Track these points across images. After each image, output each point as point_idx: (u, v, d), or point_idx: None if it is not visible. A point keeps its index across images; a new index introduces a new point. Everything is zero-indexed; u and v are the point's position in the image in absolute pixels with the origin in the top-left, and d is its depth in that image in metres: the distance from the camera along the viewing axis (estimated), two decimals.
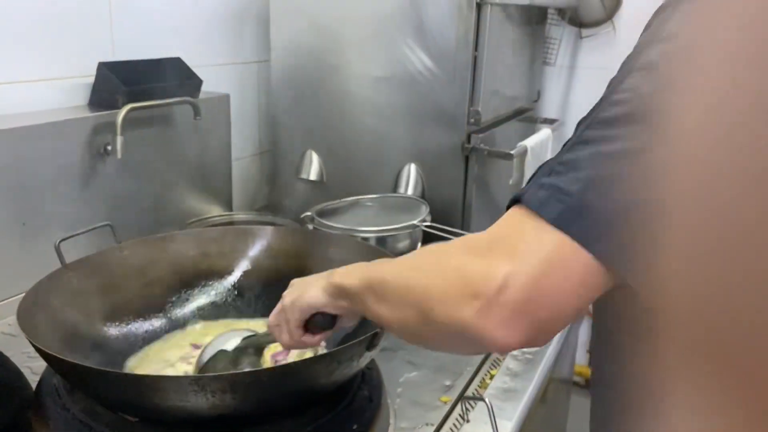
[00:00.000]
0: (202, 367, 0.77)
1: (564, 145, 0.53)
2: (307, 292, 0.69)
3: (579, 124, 0.53)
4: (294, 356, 0.87)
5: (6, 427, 0.75)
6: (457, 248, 0.54)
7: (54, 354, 0.65)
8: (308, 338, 0.72)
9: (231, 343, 0.79)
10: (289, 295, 0.72)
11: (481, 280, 0.48)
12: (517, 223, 0.51)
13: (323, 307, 0.68)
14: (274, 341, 0.77)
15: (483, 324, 0.48)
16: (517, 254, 0.48)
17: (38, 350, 0.67)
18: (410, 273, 0.56)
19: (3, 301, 1.07)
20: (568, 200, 0.48)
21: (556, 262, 0.47)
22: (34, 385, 0.81)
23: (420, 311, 0.53)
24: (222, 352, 0.78)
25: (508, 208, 0.53)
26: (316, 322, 0.70)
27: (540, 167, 0.54)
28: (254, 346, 0.80)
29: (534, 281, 0.47)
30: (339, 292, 0.66)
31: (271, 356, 0.88)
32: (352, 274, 0.65)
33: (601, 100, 0.51)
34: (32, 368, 0.88)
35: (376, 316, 0.60)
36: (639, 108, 0.47)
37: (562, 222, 0.47)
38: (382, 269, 0.61)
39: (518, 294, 0.47)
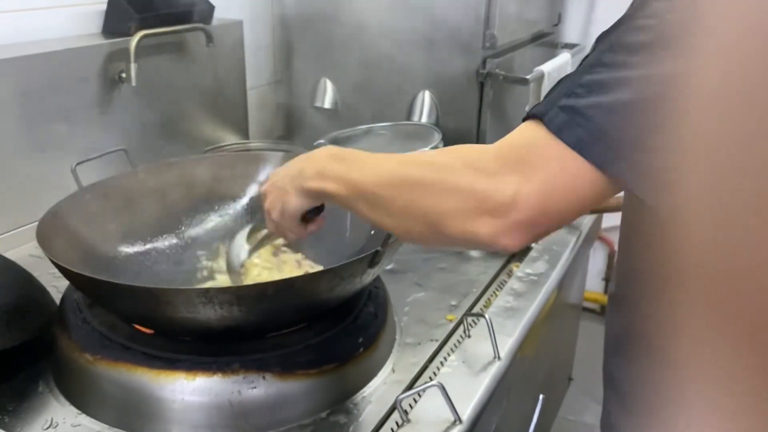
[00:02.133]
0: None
1: (582, 62, 0.53)
2: (288, 201, 0.71)
3: (598, 40, 0.53)
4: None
5: (33, 339, 0.80)
6: (463, 165, 0.55)
7: (70, 267, 0.68)
8: (311, 227, 0.77)
9: (245, 251, 0.86)
10: (272, 209, 0.75)
11: (494, 199, 0.52)
12: (532, 140, 0.52)
13: (309, 207, 0.72)
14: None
15: (495, 237, 0.52)
16: (530, 173, 0.51)
17: (56, 265, 0.71)
18: (412, 189, 0.57)
19: (28, 225, 1.11)
20: (587, 125, 0.49)
21: (567, 182, 0.51)
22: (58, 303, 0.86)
23: (429, 225, 0.56)
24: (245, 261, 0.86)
25: (523, 121, 0.55)
26: (308, 215, 0.75)
27: (557, 85, 0.55)
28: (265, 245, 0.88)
29: (543, 200, 0.51)
30: (319, 195, 0.68)
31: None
32: (327, 177, 0.65)
33: (624, 20, 0.51)
34: (57, 287, 0.92)
35: (371, 220, 0.62)
36: (663, 35, 0.47)
37: (580, 146, 0.50)
38: (369, 179, 0.61)
39: (528, 211, 0.51)
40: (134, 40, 1.18)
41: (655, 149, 0.43)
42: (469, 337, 0.88)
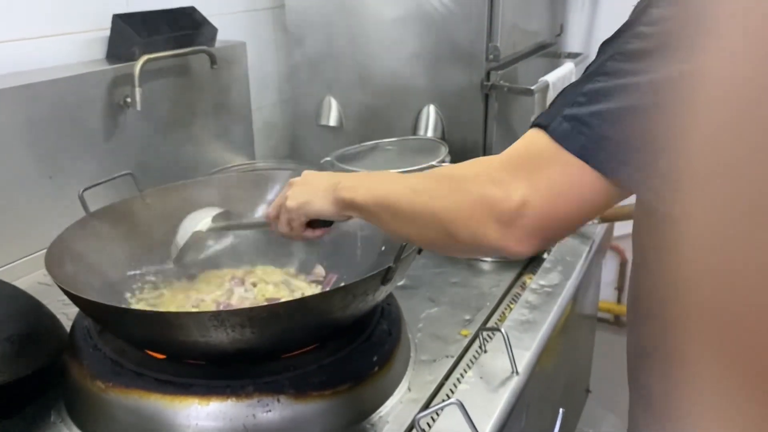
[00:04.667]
0: (180, 251, 0.87)
1: (585, 71, 0.54)
2: (314, 201, 0.74)
3: (601, 49, 0.54)
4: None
5: (44, 368, 0.79)
6: (474, 174, 0.58)
7: (79, 294, 0.68)
8: (310, 233, 0.78)
9: (203, 223, 0.86)
10: (293, 198, 0.76)
11: (502, 205, 0.53)
12: (537, 149, 0.54)
13: (330, 216, 0.74)
14: (251, 227, 0.90)
15: (505, 242, 0.54)
16: (536, 180, 0.53)
17: (65, 291, 0.70)
18: (429, 199, 0.60)
19: (37, 252, 1.11)
20: (589, 132, 0.51)
21: (572, 188, 0.52)
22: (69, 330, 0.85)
23: (446, 232, 0.58)
24: (196, 233, 0.86)
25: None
26: (318, 221, 0.77)
27: (560, 94, 0.56)
28: (231, 231, 0.89)
29: (550, 206, 0.53)
30: (348, 206, 0.70)
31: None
32: (359, 189, 0.69)
33: (625, 28, 0.52)
34: (67, 314, 0.91)
35: (393, 231, 0.66)
36: (663, 41, 0.48)
37: (584, 154, 0.51)
38: (393, 191, 0.65)
39: (535, 217, 0.53)
40: (138, 65, 1.18)
41: (657, 154, 0.43)
42: (485, 352, 0.86)
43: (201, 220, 0.87)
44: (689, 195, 0.20)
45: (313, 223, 0.77)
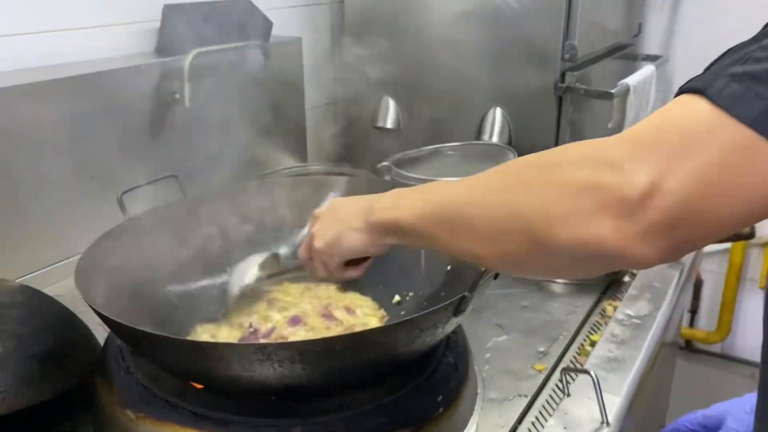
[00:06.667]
0: (232, 305, 0.79)
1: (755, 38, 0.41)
2: (345, 237, 0.63)
3: None
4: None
5: (73, 389, 0.71)
6: (575, 158, 0.43)
7: (110, 316, 0.59)
8: (351, 272, 0.69)
9: (250, 275, 0.79)
10: (320, 237, 0.66)
11: (622, 192, 0.39)
12: (690, 117, 0.40)
13: (366, 251, 0.63)
14: (297, 267, 0.77)
15: (624, 241, 0.40)
16: (676, 160, 0.39)
17: (95, 311, 0.62)
18: (508, 196, 0.46)
19: (76, 256, 1.04)
20: None
21: (733, 172, 0.38)
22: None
23: (532, 239, 0.44)
24: (245, 287, 0.79)
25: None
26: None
27: (723, 56, 0.42)
28: (278, 273, 0.80)
29: (693, 195, 0.38)
30: (387, 230, 0.59)
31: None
32: (400, 207, 0.57)
33: None
34: (104, 326, 0.84)
35: (454, 251, 0.52)
36: None
37: (762, 123, 0.37)
38: (452, 198, 0.51)
39: (670, 207, 0.39)
40: (188, 59, 1.11)
41: None
42: (568, 395, 0.75)
43: (248, 272, 0.80)
44: None
45: (353, 262, 0.68)
